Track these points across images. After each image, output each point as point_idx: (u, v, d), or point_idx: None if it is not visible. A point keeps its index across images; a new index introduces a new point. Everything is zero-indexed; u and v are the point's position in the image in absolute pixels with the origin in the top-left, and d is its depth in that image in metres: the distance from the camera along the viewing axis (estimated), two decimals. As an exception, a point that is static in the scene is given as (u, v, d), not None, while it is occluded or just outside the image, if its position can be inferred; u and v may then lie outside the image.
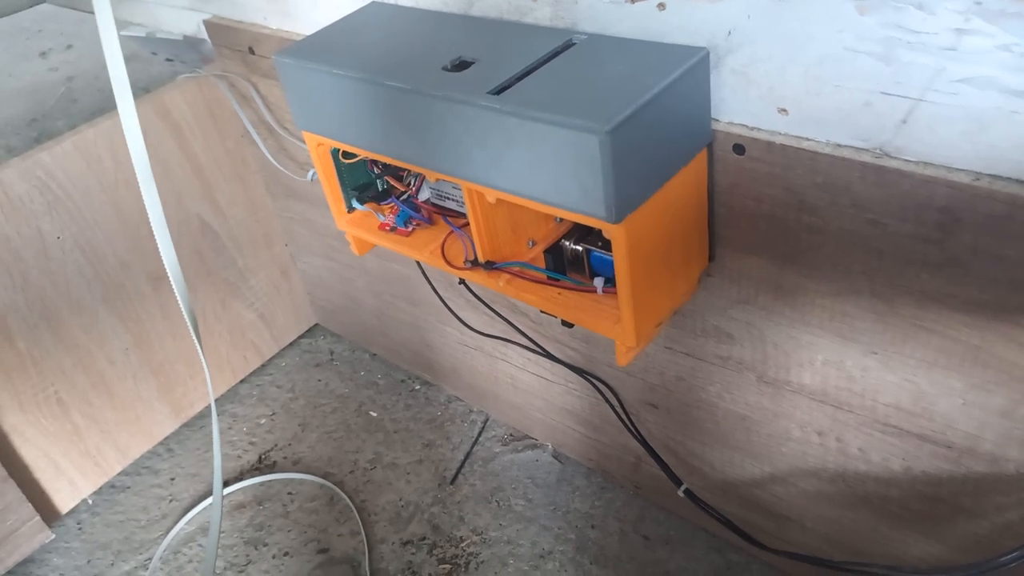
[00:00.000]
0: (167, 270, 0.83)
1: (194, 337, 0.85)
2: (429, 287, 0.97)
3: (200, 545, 1.01)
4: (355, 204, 0.80)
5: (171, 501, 1.08)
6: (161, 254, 0.82)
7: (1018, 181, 0.49)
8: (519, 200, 0.61)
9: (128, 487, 1.11)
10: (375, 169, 0.79)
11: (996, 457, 0.61)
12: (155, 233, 0.81)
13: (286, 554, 0.99)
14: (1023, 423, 0.58)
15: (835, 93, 0.54)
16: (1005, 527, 0.64)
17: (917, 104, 0.51)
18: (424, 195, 0.77)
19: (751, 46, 0.56)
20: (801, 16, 0.53)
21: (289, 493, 1.07)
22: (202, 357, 0.88)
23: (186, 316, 0.84)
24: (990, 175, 0.50)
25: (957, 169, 0.51)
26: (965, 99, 0.49)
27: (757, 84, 0.57)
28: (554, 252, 0.69)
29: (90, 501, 1.09)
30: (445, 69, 0.63)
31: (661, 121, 0.56)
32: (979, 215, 0.51)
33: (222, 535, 1.02)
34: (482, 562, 0.94)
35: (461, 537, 0.97)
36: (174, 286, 0.83)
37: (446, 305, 0.97)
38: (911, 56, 0.49)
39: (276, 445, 1.14)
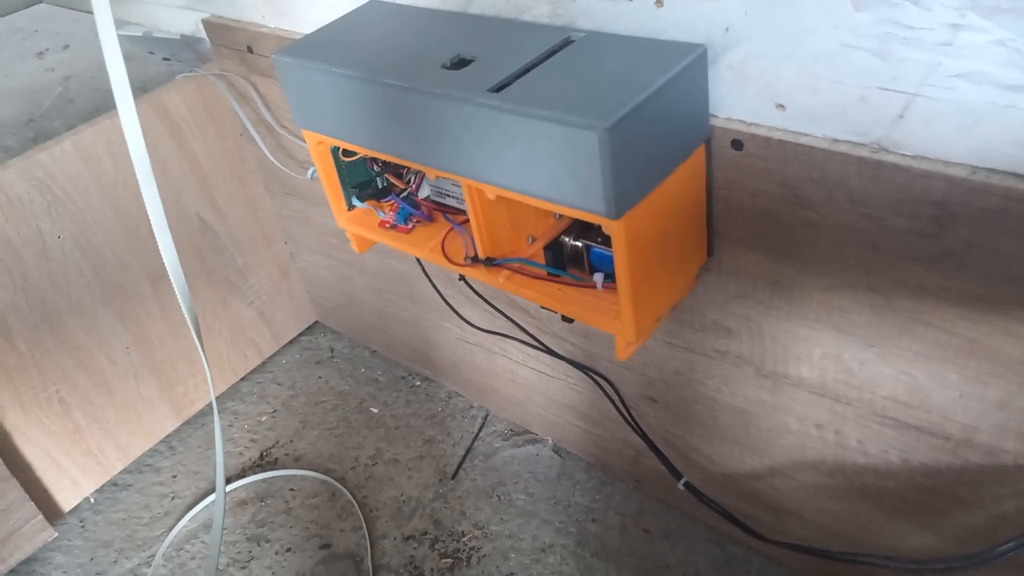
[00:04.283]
0: (168, 271, 0.83)
1: (195, 337, 0.86)
2: (429, 284, 0.97)
3: (203, 542, 1.02)
4: (355, 202, 0.80)
5: (173, 499, 1.08)
6: (162, 255, 0.83)
7: (1013, 175, 0.50)
8: (519, 197, 0.61)
9: (130, 485, 1.11)
10: (375, 167, 0.79)
11: (993, 448, 0.61)
12: (156, 234, 0.82)
13: (288, 550, 0.99)
14: (1019, 415, 0.58)
15: (832, 88, 0.54)
16: (1002, 518, 0.64)
17: (913, 99, 0.51)
18: (424, 192, 0.77)
19: (748, 42, 0.56)
20: (797, 12, 0.53)
21: (291, 490, 1.07)
22: (203, 357, 0.88)
23: (187, 317, 0.84)
24: (986, 169, 0.51)
25: (953, 163, 0.52)
26: (961, 94, 0.49)
27: (754, 80, 0.58)
28: (554, 248, 0.69)
29: (92, 499, 1.09)
30: (444, 67, 0.63)
31: (659, 117, 0.56)
32: (974, 209, 0.52)
33: (225, 531, 1.02)
34: (484, 556, 0.94)
35: (463, 531, 0.98)
36: (175, 287, 0.83)
37: (446, 302, 0.98)
38: (907, 52, 0.50)
39: (277, 442, 1.14)
